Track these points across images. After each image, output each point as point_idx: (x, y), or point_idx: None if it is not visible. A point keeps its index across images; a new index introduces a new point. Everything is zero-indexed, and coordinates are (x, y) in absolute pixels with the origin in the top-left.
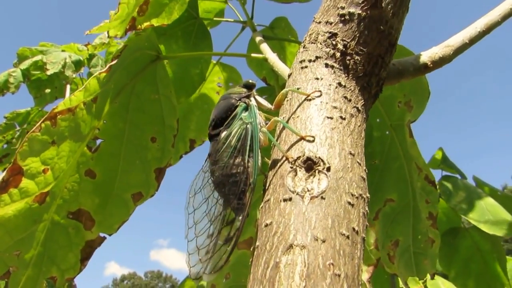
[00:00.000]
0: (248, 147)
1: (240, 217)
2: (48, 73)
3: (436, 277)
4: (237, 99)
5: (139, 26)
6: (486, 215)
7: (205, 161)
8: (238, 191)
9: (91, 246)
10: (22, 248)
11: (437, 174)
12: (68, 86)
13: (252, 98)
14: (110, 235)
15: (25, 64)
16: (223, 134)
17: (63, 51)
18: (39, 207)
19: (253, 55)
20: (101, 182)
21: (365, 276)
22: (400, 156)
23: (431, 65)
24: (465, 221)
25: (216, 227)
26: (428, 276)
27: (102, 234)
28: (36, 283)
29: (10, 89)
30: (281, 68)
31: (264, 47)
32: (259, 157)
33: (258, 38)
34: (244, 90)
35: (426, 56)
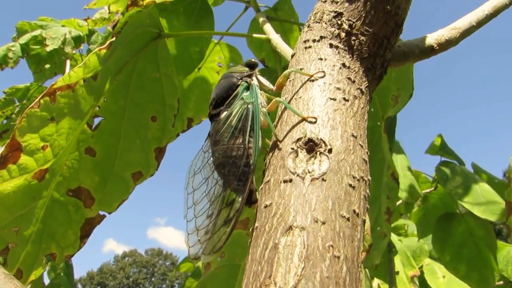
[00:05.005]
0: (249, 128)
1: (240, 198)
2: (48, 49)
3: (432, 261)
4: (239, 78)
5: (141, 2)
6: (480, 200)
7: (205, 141)
8: (238, 172)
9: (90, 224)
10: (21, 224)
11: (435, 160)
12: (68, 62)
13: (254, 78)
14: (109, 213)
15: (24, 39)
16: (224, 114)
17: (63, 26)
18: (38, 184)
19: (256, 35)
20: (101, 161)
21: None
22: (383, 148)
23: (437, 48)
24: (461, 207)
25: (215, 208)
26: (425, 261)
27: (101, 212)
28: (35, 259)
29: (9, 64)
30: (284, 49)
31: (268, 27)
32: (260, 138)
33: (261, 19)
34: (246, 69)
35: (432, 39)
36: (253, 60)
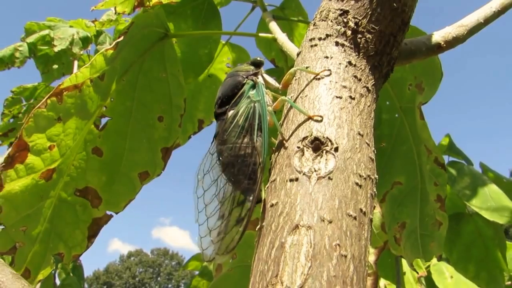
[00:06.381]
0: (256, 126)
1: (251, 197)
2: (56, 49)
3: (439, 261)
4: (244, 76)
5: (148, 3)
6: (488, 201)
7: (212, 143)
8: (248, 171)
9: (98, 223)
10: (28, 224)
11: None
12: (76, 63)
13: (259, 76)
14: (117, 213)
15: (32, 39)
16: (230, 113)
17: (71, 27)
18: (45, 183)
19: (262, 34)
20: (108, 160)
21: (372, 258)
22: (408, 139)
23: (444, 45)
24: (469, 207)
25: (226, 208)
26: (432, 261)
27: (108, 212)
28: (43, 259)
29: (15, 63)
30: (290, 48)
31: (274, 27)
32: (268, 136)
33: (267, 18)
34: (252, 67)
35: (439, 36)
36: (258, 58)
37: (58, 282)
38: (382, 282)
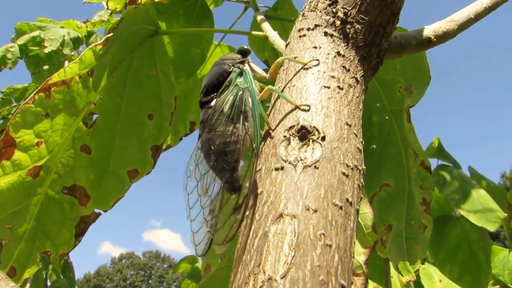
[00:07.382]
0: (246, 113)
1: (247, 184)
2: (46, 51)
3: (428, 265)
4: (231, 64)
5: (139, 0)
6: (476, 206)
7: (199, 136)
8: (241, 158)
9: (86, 222)
10: (15, 221)
11: (432, 163)
12: (67, 63)
13: (246, 64)
14: (105, 211)
15: (23, 40)
16: (218, 101)
17: (62, 27)
18: (32, 180)
19: (254, 32)
20: (97, 158)
21: (361, 258)
22: (398, 141)
23: (435, 40)
24: (457, 211)
25: (219, 199)
26: (421, 265)
27: (97, 210)
28: (29, 257)
29: (7, 64)
30: (281, 45)
31: (266, 25)
32: (259, 121)
33: (259, 17)
34: (238, 56)
35: (429, 30)
36: (245, 47)
37: (49, 284)
38: (371, 285)
